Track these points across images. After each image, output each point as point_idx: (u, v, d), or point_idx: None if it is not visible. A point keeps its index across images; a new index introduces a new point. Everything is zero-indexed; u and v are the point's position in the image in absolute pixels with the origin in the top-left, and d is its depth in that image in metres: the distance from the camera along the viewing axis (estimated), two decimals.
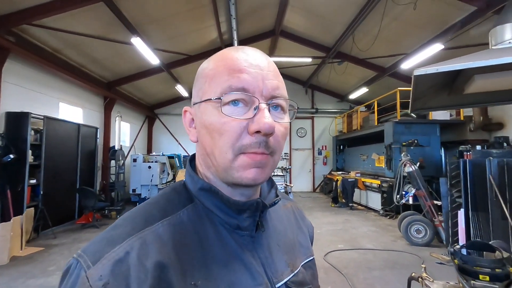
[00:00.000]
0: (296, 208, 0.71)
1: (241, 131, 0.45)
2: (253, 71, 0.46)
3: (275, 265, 0.52)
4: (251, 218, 0.50)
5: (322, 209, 8.94)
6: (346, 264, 4.28)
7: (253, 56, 0.48)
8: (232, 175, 0.46)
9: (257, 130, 0.44)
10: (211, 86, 0.47)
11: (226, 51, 0.50)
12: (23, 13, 4.96)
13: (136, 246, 0.41)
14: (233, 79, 0.45)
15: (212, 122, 0.46)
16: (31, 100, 5.96)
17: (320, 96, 13.38)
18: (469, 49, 6.19)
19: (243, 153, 0.45)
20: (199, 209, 0.50)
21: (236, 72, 0.46)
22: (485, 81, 2.55)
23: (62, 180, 6.32)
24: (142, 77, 8.86)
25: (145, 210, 0.48)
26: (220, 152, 0.46)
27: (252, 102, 0.46)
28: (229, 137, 0.45)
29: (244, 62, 0.47)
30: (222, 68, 0.47)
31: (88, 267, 0.39)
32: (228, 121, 0.45)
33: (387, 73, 9.12)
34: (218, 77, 0.47)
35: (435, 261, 4.36)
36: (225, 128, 0.45)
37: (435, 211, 5.35)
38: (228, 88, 0.45)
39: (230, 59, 0.48)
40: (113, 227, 0.46)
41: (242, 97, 0.45)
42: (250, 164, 0.45)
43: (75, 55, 6.81)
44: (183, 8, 6.46)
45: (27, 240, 5.04)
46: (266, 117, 0.44)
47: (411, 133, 7.65)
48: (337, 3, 6.75)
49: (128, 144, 10.69)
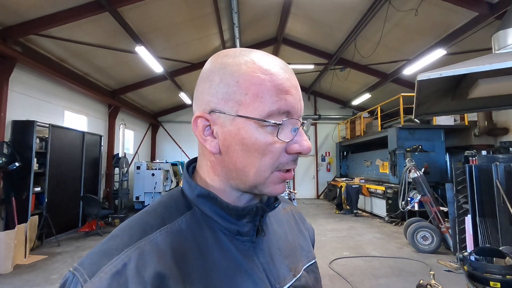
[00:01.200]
0: (296, 211, 0.70)
1: (282, 152, 0.46)
2: (295, 92, 0.47)
3: (277, 270, 0.51)
4: (251, 223, 0.49)
5: (326, 216, 8.86)
6: (351, 272, 4.21)
7: (288, 71, 0.48)
8: (262, 190, 0.47)
9: (298, 152, 0.46)
10: (255, 102, 0.44)
11: (263, 60, 0.47)
12: (30, 24, 5.07)
13: (134, 257, 0.40)
14: (281, 102, 0.45)
15: (256, 142, 0.44)
16: (37, 109, 6.04)
17: (323, 102, 13.41)
18: (472, 54, 6.20)
19: (278, 170, 0.46)
20: (198, 216, 0.49)
21: (283, 93, 0.45)
22: (489, 86, 2.54)
23: (66, 187, 6.34)
24: (146, 85, 8.96)
25: (142, 219, 0.47)
26: (257, 170, 0.46)
27: (293, 123, 0.46)
28: (272, 158, 0.45)
29: (287, 81, 0.46)
30: (269, 85, 0.45)
31: (85, 281, 0.38)
32: (273, 143, 0.45)
33: (390, 79, 9.13)
34: (264, 95, 0.44)
35: (443, 268, 4.29)
36: (270, 149, 0.45)
37: (441, 217, 5.27)
38: (276, 111, 0.44)
39: (275, 75, 0.45)
40: (109, 238, 0.44)
41: (286, 121, 0.46)
42: (281, 180, 0.47)
43: (80, 64, 6.91)
44: (187, 17, 6.57)
45: (31, 248, 5.03)
46: (305, 140, 0.46)
47: (415, 138, 7.61)
48: (339, 11, 6.81)
49: (132, 152, 10.74)
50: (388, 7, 5.96)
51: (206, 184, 0.51)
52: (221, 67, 0.47)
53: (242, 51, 0.48)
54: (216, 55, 0.50)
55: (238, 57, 0.47)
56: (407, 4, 5.89)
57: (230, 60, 0.47)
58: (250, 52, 0.48)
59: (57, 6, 5.00)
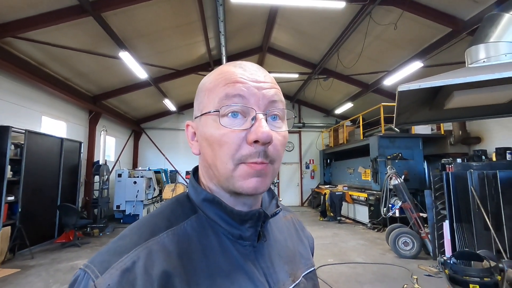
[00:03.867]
0: (296, 219, 0.72)
1: (240, 142, 0.46)
2: (249, 82, 0.48)
3: (277, 275, 0.52)
4: (253, 228, 0.51)
5: (311, 223, 8.92)
6: (336, 279, 4.25)
7: (249, 70, 0.50)
8: (234, 185, 0.47)
9: (255, 140, 0.45)
10: (209, 98, 0.49)
11: (225, 66, 0.52)
12: (8, 26, 4.88)
13: (142, 256, 0.42)
14: (228, 88, 0.47)
15: (212, 134, 0.47)
16: (13, 114, 5.77)
17: (307, 110, 13.64)
18: (446, 67, 6.55)
19: (243, 163, 0.46)
20: (203, 219, 0.51)
21: (232, 82, 0.48)
22: (463, 97, 2.69)
23: (42, 196, 6.05)
24: (129, 91, 8.78)
25: (151, 221, 0.49)
26: (221, 162, 0.47)
27: (250, 113, 0.47)
28: (228, 148, 0.46)
29: (240, 74, 0.49)
30: (220, 80, 0.49)
31: (96, 276, 0.40)
32: (227, 133, 0.46)
33: (371, 89, 9.45)
34: (215, 89, 0.49)
35: (423, 273, 4.41)
36: (224, 139, 0.46)
37: (421, 223, 5.45)
38: (225, 96, 0.47)
39: (227, 72, 0.50)
40: (119, 238, 0.47)
41: (240, 108, 0.47)
42: (250, 174, 0.46)
43: (61, 69, 6.70)
44: (172, 24, 6.55)
45: (1, 262, 4.74)
46: (263, 127, 0.45)
47: (395, 146, 7.87)
48: (322, 23, 7.03)
49: (113, 159, 10.43)
50: (369, 21, 6.22)
51: (206, 188, 0.53)
52: (200, 84, 0.55)
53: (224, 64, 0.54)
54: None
55: (215, 70, 0.54)
56: (387, 18, 6.17)
57: (206, 78, 0.54)
58: (228, 64, 0.53)
59: (38, 9, 4.85)
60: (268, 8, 6.82)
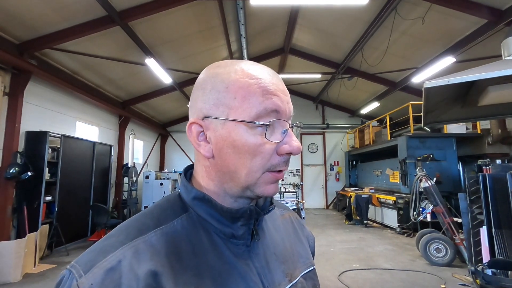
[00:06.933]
0: (295, 218, 0.70)
1: (272, 152, 0.47)
2: (281, 95, 0.49)
3: (272, 275, 0.51)
4: (246, 226, 0.50)
5: (336, 226, 8.68)
6: (361, 285, 4.08)
7: (277, 79, 0.50)
8: (254, 190, 0.48)
9: (289, 152, 0.47)
10: (243, 105, 0.46)
11: (249, 66, 0.50)
12: (45, 38, 5.28)
13: (128, 254, 0.42)
14: (267, 101, 0.46)
15: (245, 143, 0.46)
16: (50, 120, 6.21)
17: (331, 111, 13.35)
18: (482, 62, 6.10)
19: (269, 171, 0.48)
20: (193, 218, 0.50)
21: (269, 94, 0.47)
22: (500, 93, 2.48)
23: (76, 197, 6.44)
24: (155, 96, 9.14)
25: (139, 220, 0.49)
26: (249, 171, 0.47)
27: (282, 125, 0.48)
28: (262, 159, 0.47)
29: (273, 85, 0.48)
30: (256, 87, 0.47)
31: (80, 276, 0.40)
32: (263, 144, 0.46)
33: (398, 87, 9.05)
34: (250, 96, 0.46)
35: (458, 282, 4.12)
36: (260, 150, 0.46)
37: (455, 228, 5.09)
38: (263, 111, 0.46)
39: (261, 79, 0.48)
40: (106, 237, 0.46)
41: (276, 123, 0.48)
42: (273, 180, 0.49)
43: (92, 76, 7.12)
44: (195, 29, 6.72)
45: (40, 257, 5.09)
46: (295, 140, 0.48)
47: (425, 147, 7.46)
48: (345, 21, 6.85)
49: (141, 161, 10.87)
50: (395, 16, 5.97)
51: (202, 188, 0.52)
52: (212, 75, 0.50)
53: (232, 62, 0.51)
54: (209, 66, 0.53)
55: (229, 67, 0.50)
56: (414, 12, 5.89)
57: (221, 69, 0.50)
58: (239, 62, 0.51)
59: (71, 21, 5.20)
60: (289, 9, 6.78)
